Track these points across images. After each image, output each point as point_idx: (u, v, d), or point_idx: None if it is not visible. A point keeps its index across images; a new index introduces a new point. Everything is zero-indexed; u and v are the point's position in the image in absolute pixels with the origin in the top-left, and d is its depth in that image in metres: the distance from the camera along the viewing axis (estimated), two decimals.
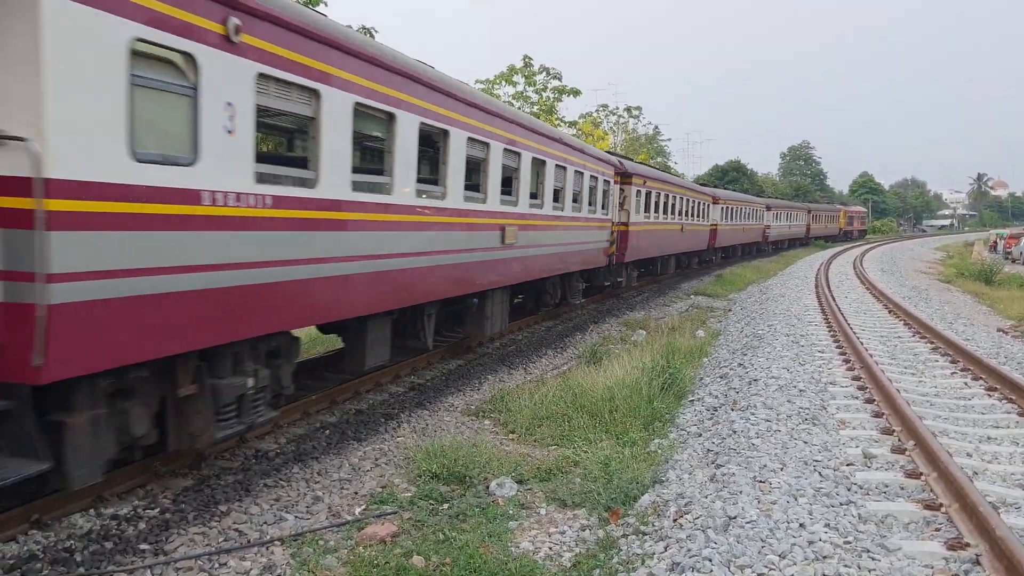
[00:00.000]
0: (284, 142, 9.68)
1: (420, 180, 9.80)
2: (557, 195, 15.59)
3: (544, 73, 38.25)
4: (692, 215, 31.11)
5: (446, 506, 6.99)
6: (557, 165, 15.31)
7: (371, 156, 10.46)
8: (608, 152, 23.85)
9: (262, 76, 6.70)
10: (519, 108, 35.81)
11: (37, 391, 5.17)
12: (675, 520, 6.22)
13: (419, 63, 9.87)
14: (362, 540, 6.21)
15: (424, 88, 9.58)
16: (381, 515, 6.75)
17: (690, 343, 15.54)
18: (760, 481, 6.72)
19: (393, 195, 9.12)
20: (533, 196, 14.28)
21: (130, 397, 6.09)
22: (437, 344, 12.44)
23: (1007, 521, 5.58)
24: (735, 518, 5.94)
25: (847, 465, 7.18)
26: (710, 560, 5.24)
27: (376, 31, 21.59)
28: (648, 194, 23.86)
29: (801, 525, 5.74)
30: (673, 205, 27.54)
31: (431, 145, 10.46)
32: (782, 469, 7.03)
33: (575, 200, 16.78)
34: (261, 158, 7.13)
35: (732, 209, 40.27)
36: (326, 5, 18.89)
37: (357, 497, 7.28)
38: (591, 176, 18.04)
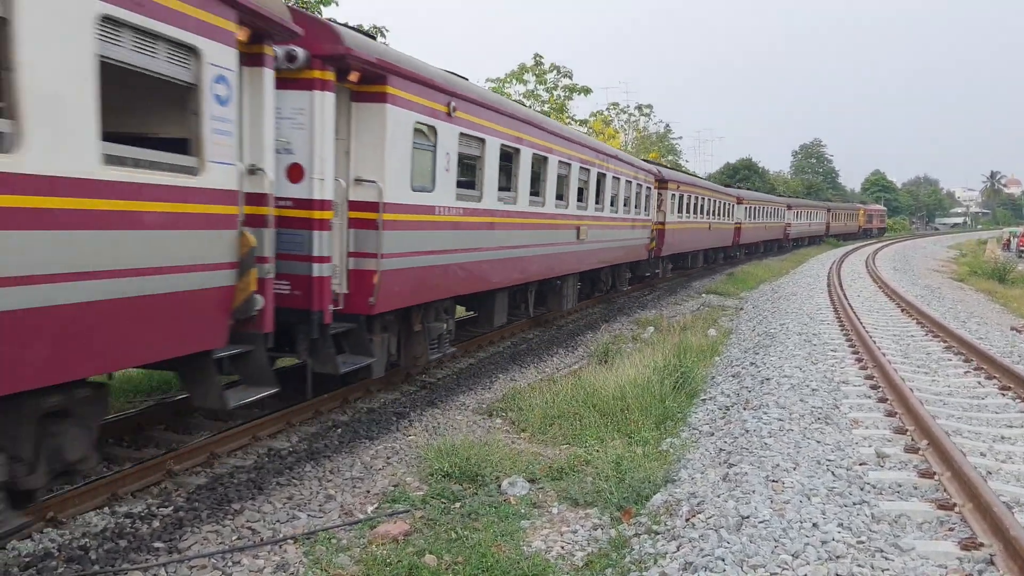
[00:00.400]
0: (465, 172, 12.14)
1: (531, 193, 13.74)
2: (613, 200, 19.16)
3: (555, 71, 38.26)
4: (718, 215, 34.44)
5: (458, 505, 7.01)
6: (614, 177, 19.01)
7: (504, 177, 13.25)
8: (647, 161, 27.69)
9: (462, 134, 10.85)
10: (530, 106, 35.82)
11: (370, 319, 9.19)
12: (688, 519, 6.22)
13: (536, 113, 15.74)
14: (375, 539, 6.23)
15: (546, 134, 14.46)
16: (393, 514, 6.77)
17: (702, 342, 15.50)
18: (773, 480, 6.70)
19: (517, 205, 13.16)
20: (597, 202, 17.75)
21: (391, 329, 9.99)
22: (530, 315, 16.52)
23: (1022, 521, 5.55)
24: (748, 518, 5.92)
25: (860, 464, 7.15)
26: (723, 560, 5.23)
27: (387, 30, 21.60)
28: (681, 197, 27.14)
29: (814, 525, 5.72)
30: (702, 206, 30.85)
31: (536, 167, 14.08)
32: (795, 468, 7.01)
33: (625, 204, 20.43)
34: (458, 184, 10.94)
35: (755, 208, 43.11)
36: (337, 6, 18.95)
37: (369, 496, 7.30)
38: (637, 184, 21.64)
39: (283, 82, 7.65)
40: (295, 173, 8.09)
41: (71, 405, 5.51)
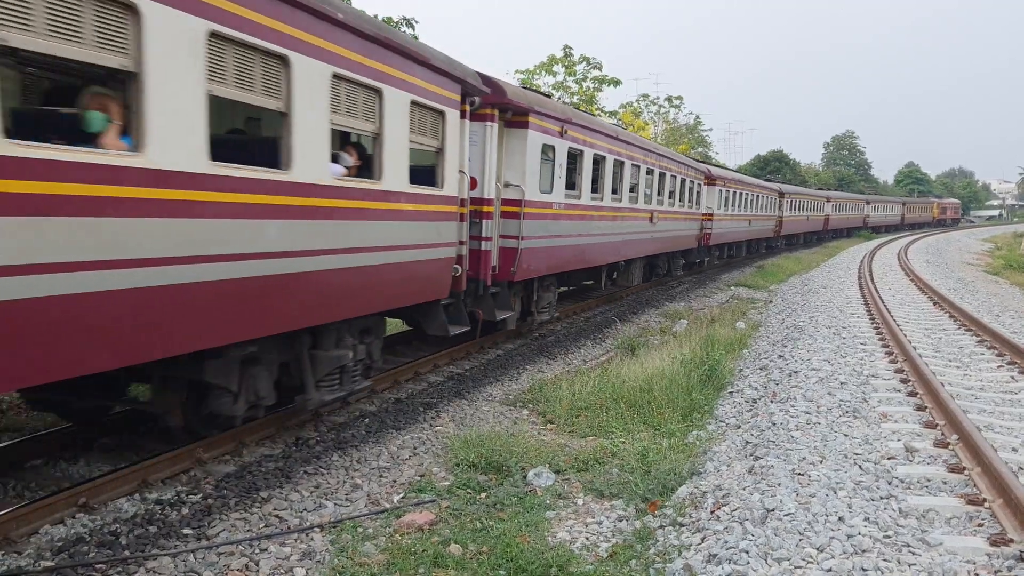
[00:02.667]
0: (570, 176, 15.04)
1: (611, 191, 16.97)
2: (672, 195, 22.58)
3: (584, 63, 38.08)
4: (761, 208, 37.65)
5: (484, 495, 7.04)
6: (672, 175, 22.42)
7: (594, 179, 16.15)
8: (698, 160, 31.64)
9: (569, 149, 14.22)
10: (559, 98, 35.71)
11: (511, 284, 12.56)
12: (712, 512, 6.20)
13: (616, 127, 19.64)
14: (400, 528, 6.28)
15: (622, 143, 17.65)
16: (419, 503, 6.82)
17: (730, 334, 15.42)
18: (799, 474, 6.66)
19: (603, 200, 16.53)
20: (658, 195, 21.14)
21: (519, 295, 13.47)
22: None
23: None
24: (773, 510, 5.89)
25: (888, 459, 7.07)
26: (747, 552, 5.21)
27: (416, 22, 21.67)
28: (727, 193, 30.23)
29: (840, 519, 5.68)
30: (746, 201, 34.05)
31: (616, 169, 17.26)
32: (821, 462, 6.96)
33: (680, 199, 23.70)
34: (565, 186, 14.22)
35: (796, 202, 47.28)
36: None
37: (396, 485, 7.35)
38: (691, 181, 25.05)
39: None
40: (472, 181, 11.19)
41: (377, 327, 9.25)
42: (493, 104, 11.35)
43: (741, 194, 32.72)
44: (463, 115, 10.33)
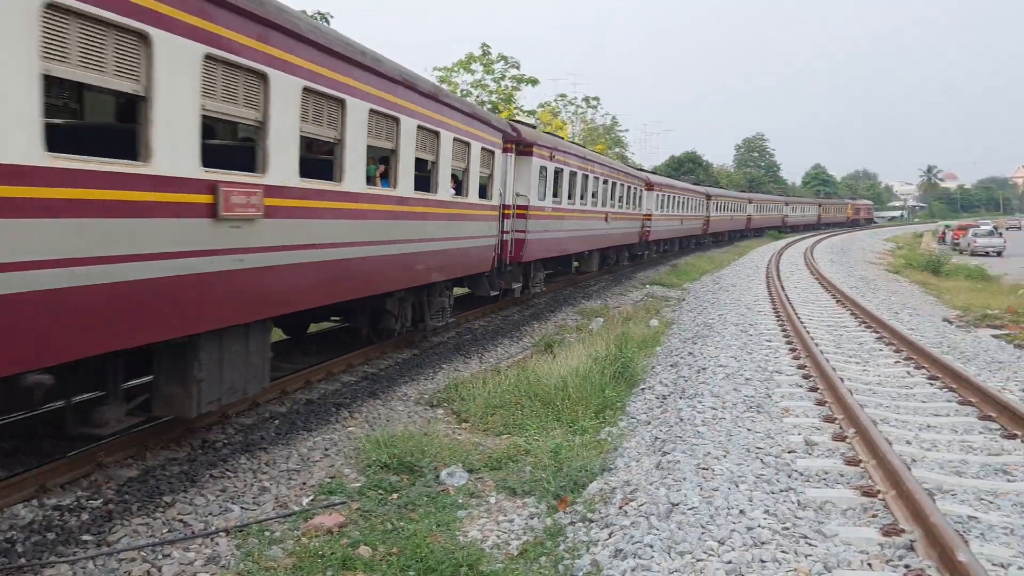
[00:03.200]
0: (556, 187, 19.96)
1: (580, 196, 21.77)
2: (621, 199, 27.43)
3: (502, 61, 38.21)
4: (691, 210, 43.44)
5: (395, 496, 7.01)
6: (621, 184, 27.34)
7: (569, 188, 20.99)
8: (638, 169, 37.00)
9: (555, 168, 18.78)
10: (477, 96, 35.74)
11: (519, 265, 17.42)
12: (620, 507, 6.31)
13: (587, 150, 26.19)
14: (309, 530, 6.21)
15: (589, 161, 23.11)
16: (329, 505, 6.75)
17: (644, 332, 15.70)
18: (703, 468, 6.83)
19: (575, 204, 21.25)
20: (611, 200, 25.84)
21: (522, 272, 18.15)
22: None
23: (942, 508, 5.70)
24: (678, 505, 6.03)
25: (789, 452, 7.31)
26: (651, 547, 5.32)
27: (331, 16, 21.43)
28: (663, 197, 35.45)
29: (741, 511, 5.84)
30: (679, 203, 39.38)
31: (583, 182, 22.14)
32: (725, 456, 7.15)
33: (627, 203, 28.62)
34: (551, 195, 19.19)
35: (722, 203, 54.06)
36: None
37: (305, 488, 7.26)
38: (634, 188, 30.20)
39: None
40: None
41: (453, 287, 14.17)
42: (512, 141, 16.51)
43: (674, 197, 38.08)
44: (504, 151, 15.88)
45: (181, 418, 7.20)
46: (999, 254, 47.54)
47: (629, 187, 28.65)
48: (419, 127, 10.95)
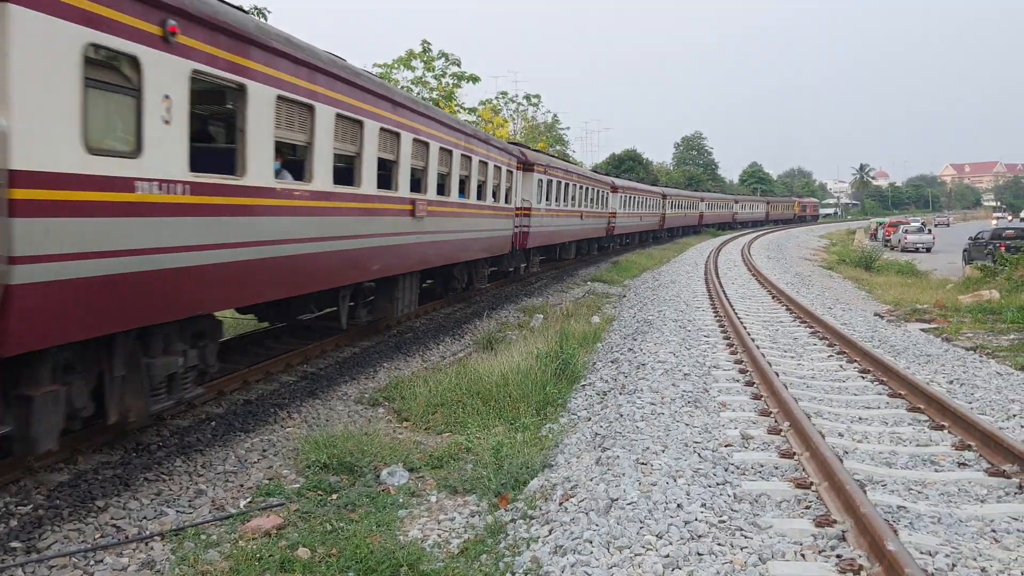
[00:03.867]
0: (548, 193, 25.71)
1: (572, 199, 28.82)
2: (592, 200, 32.66)
3: (443, 59, 38.07)
4: (649, 208, 48.79)
5: (335, 497, 6.95)
6: (593, 188, 32.67)
7: (558, 191, 26.93)
8: (600, 173, 45.04)
9: (548, 180, 24.96)
10: (418, 93, 35.56)
11: (523, 250, 23.72)
12: (561, 503, 6.35)
13: (570, 163, 37.55)
14: (246, 533, 6.12)
15: (572, 173, 29.67)
16: (267, 507, 6.66)
17: (585, 329, 15.79)
18: (642, 463, 6.91)
19: (562, 206, 27.26)
20: (585, 201, 31.23)
21: (524, 256, 24.82)
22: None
23: (872, 499, 5.86)
24: (617, 500, 6.10)
25: (726, 446, 7.44)
26: (591, 542, 5.37)
27: (269, 12, 21.13)
28: (625, 197, 41.07)
29: (679, 505, 5.93)
30: (638, 202, 44.92)
31: (566, 188, 27.83)
32: (664, 451, 7.25)
33: (596, 203, 33.73)
34: (545, 198, 25.36)
35: (676, 201, 59.84)
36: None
37: (243, 490, 7.16)
38: (603, 190, 35.55)
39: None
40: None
41: (486, 264, 20.58)
42: (521, 162, 22.13)
43: (635, 197, 43.98)
44: (517, 169, 21.56)
45: (120, 422, 7.12)
46: (928, 250, 48.98)
47: (598, 190, 34.41)
48: (481, 161, 17.53)
